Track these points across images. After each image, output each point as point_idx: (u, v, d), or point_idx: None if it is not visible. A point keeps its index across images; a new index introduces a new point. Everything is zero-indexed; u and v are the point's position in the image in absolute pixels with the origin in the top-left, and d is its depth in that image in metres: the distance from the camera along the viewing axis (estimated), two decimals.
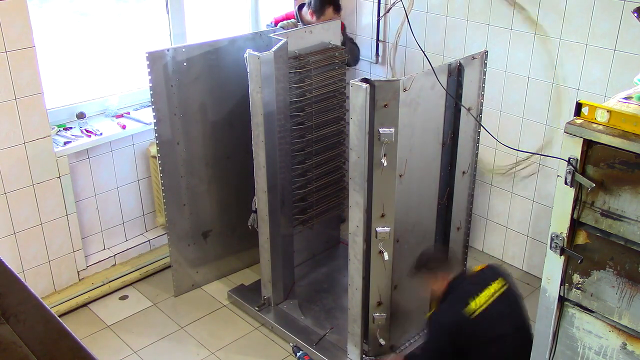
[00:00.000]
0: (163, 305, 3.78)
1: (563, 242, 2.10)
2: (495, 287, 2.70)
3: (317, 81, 3.53)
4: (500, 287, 2.71)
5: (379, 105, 2.69)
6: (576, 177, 1.99)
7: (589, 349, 2.17)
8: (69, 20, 3.87)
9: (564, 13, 3.36)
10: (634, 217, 1.92)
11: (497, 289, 2.70)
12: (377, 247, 2.92)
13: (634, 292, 1.99)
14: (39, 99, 3.32)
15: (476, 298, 2.64)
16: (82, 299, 3.72)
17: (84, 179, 3.73)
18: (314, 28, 3.54)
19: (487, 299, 2.66)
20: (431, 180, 3.10)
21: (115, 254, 3.96)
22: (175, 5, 3.93)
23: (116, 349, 3.43)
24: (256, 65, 3.09)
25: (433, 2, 3.94)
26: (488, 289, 2.68)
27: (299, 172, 3.63)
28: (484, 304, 2.64)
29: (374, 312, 3.08)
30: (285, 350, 3.42)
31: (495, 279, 2.73)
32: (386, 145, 2.72)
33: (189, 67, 3.44)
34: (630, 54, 3.17)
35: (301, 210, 3.75)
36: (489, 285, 2.70)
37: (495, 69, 3.66)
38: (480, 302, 2.64)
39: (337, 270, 3.92)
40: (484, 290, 2.68)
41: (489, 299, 2.66)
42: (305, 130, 3.58)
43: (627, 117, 1.89)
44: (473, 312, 2.61)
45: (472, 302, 2.62)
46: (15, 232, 3.44)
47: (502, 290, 2.71)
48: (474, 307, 2.62)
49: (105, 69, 3.96)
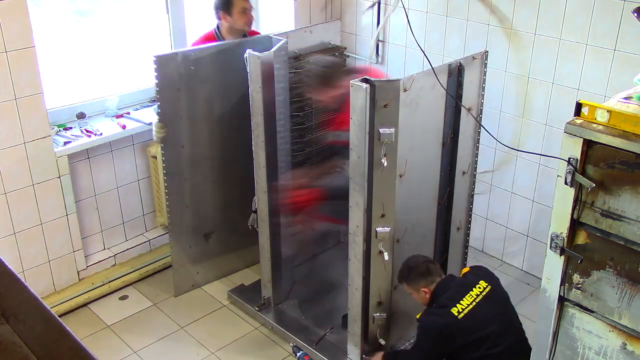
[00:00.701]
0: (163, 305, 3.78)
1: (563, 242, 2.10)
2: (478, 289, 2.77)
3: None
4: (484, 289, 2.77)
5: (379, 105, 2.69)
6: (576, 177, 1.99)
7: (589, 349, 2.17)
8: (68, 20, 3.88)
9: (564, 13, 3.36)
10: (634, 217, 1.92)
11: (481, 291, 2.76)
12: (377, 247, 2.92)
13: (634, 292, 1.99)
14: (39, 99, 3.32)
15: (461, 301, 2.71)
16: (82, 299, 3.72)
17: (84, 179, 3.73)
18: (314, 28, 3.54)
19: (472, 300, 2.72)
20: (431, 180, 3.10)
21: (115, 254, 3.96)
22: (175, 5, 3.93)
23: (116, 349, 3.43)
24: (256, 65, 3.09)
25: (433, 2, 3.94)
26: (471, 292, 2.75)
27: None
28: (469, 305, 2.70)
29: (374, 312, 3.08)
30: (285, 350, 3.42)
31: (478, 282, 2.80)
32: (386, 146, 2.72)
33: (196, 71, 3.42)
34: (630, 54, 3.17)
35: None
36: (473, 289, 2.77)
37: (495, 69, 3.66)
38: (464, 304, 2.70)
39: (337, 270, 3.92)
40: (468, 293, 2.74)
41: (474, 301, 2.72)
42: (305, 130, 3.58)
43: (627, 117, 1.89)
44: (458, 314, 2.67)
45: (457, 305, 2.69)
46: (15, 232, 3.44)
47: (486, 291, 2.77)
48: (459, 309, 2.68)
49: (105, 69, 3.96)
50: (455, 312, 2.68)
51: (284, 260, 3.62)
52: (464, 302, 2.71)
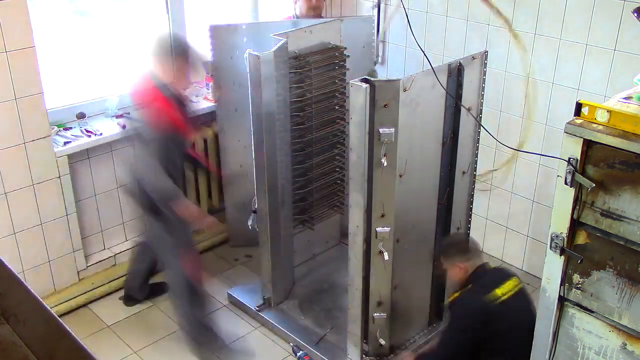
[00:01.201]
0: (163, 305, 3.78)
1: (563, 242, 2.10)
2: (514, 282, 2.83)
3: (317, 81, 3.53)
4: (518, 284, 2.84)
5: (379, 105, 2.69)
6: (576, 177, 1.99)
7: (589, 349, 2.17)
8: (68, 20, 3.87)
9: (564, 13, 3.36)
10: (634, 217, 1.92)
11: (516, 285, 2.82)
12: (377, 247, 2.92)
13: (634, 292, 1.99)
14: (39, 99, 3.32)
15: (500, 287, 2.76)
16: (82, 299, 3.72)
17: (84, 179, 3.73)
18: (314, 28, 3.54)
19: (509, 290, 2.77)
20: (431, 180, 3.10)
21: (115, 254, 3.96)
22: (175, 5, 3.93)
23: (116, 349, 3.43)
24: (256, 65, 3.09)
25: (433, 2, 3.94)
26: (509, 282, 2.81)
27: (299, 172, 3.63)
28: (507, 293, 2.75)
29: (374, 312, 3.08)
30: (285, 350, 3.42)
31: (512, 277, 2.87)
32: (386, 145, 2.72)
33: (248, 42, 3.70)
34: (630, 54, 3.17)
35: (301, 210, 3.75)
36: (509, 280, 2.83)
37: (495, 69, 3.66)
38: (504, 291, 2.75)
39: (337, 270, 3.91)
40: (506, 282, 2.80)
41: (511, 291, 2.77)
42: (305, 130, 3.58)
43: (627, 117, 1.89)
44: (497, 298, 2.71)
45: (496, 290, 2.74)
46: (15, 232, 3.44)
47: (519, 286, 2.83)
48: (498, 294, 2.72)
49: (105, 69, 3.95)
50: (497, 294, 2.71)
51: (283, 260, 3.62)
52: (504, 287, 2.76)
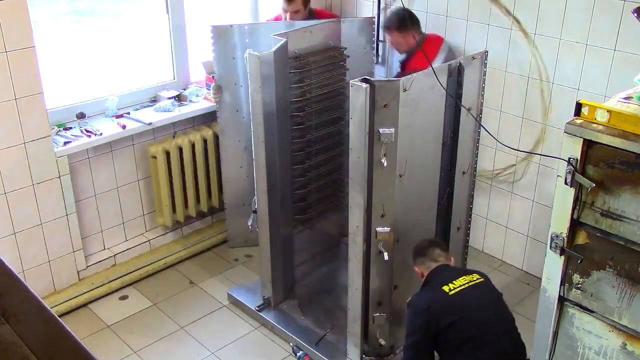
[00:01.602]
0: (163, 305, 3.78)
1: (563, 242, 2.10)
2: (470, 278, 2.70)
3: (317, 81, 3.53)
4: (477, 279, 2.71)
5: (379, 105, 2.69)
6: (576, 177, 1.99)
7: (589, 349, 2.17)
8: (68, 20, 3.88)
9: (564, 13, 3.36)
10: (634, 217, 1.92)
11: (474, 279, 2.70)
12: (377, 247, 2.92)
13: (634, 292, 1.99)
14: (38, 99, 3.32)
15: (453, 281, 2.65)
16: (82, 299, 3.72)
17: (84, 179, 3.73)
18: (314, 28, 3.54)
19: (463, 283, 2.66)
20: (431, 180, 3.10)
21: (115, 254, 3.96)
22: (175, 5, 3.93)
23: (116, 349, 3.43)
24: (256, 65, 3.09)
25: (433, 2, 3.94)
26: (464, 277, 2.69)
27: (299, 172, 3.63)
28: (461, 286, 2.64)
29: (374, 312, 3.09)
30: (285, 350, 3.42)
31: (472, 273, 2.75)
32: (386, 146, 2.72)
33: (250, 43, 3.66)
34: (630, 54, 3.17)
35: (301, 210, 3.75)
36: (466, 276, 2.71)
37: (495, 69, 3.66)
38: (456, 284, 2.64)
39: (337, 270, 3.91)
40: (460, 278, 2.68)
41: (466, 284, 2.66)
42: (305, 130, 3.58)
43: (627, 117, 1.89)
44: (449, 291, 2.61)
45: (449, 284, 2.63)
46: (15, 232, 3.44)
47: (479, 281, 2.70)
48: (450, 287, 2.62)
49: (105, 69, 3.96)
50: (445, 289, 2.62)
51: (284, 260, 3.62)
52: (456, 282, 2.65)
